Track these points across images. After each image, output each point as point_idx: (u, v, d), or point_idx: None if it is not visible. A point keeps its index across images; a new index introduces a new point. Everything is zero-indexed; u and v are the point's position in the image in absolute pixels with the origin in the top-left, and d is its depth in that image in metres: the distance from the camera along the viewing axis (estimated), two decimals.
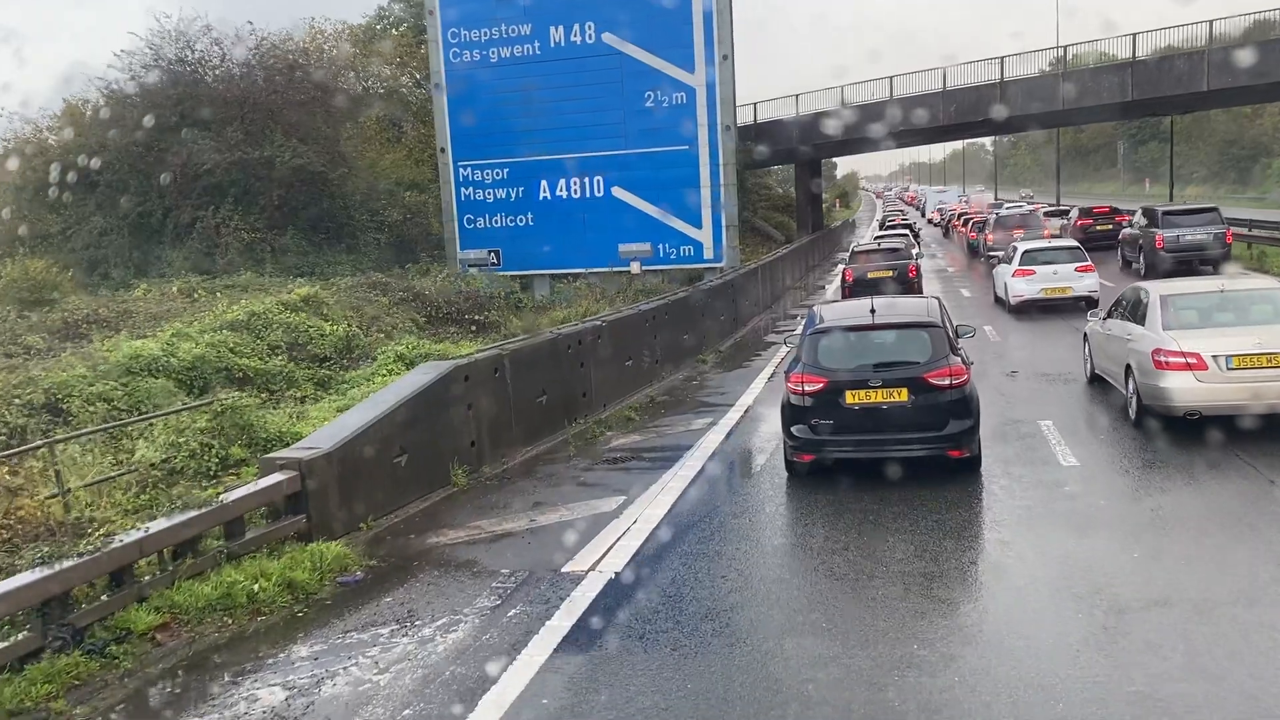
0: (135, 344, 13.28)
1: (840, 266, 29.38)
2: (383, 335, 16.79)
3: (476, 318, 20.38)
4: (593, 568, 7.47)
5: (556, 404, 12.38)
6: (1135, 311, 11.40)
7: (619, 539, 8.10)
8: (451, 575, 7.61)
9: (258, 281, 22.32)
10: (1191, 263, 24.37)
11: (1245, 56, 29.99)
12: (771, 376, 15.57)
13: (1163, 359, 9.99)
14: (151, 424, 10.75)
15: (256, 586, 7.13)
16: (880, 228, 50.66)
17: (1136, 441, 10.17)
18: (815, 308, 11.08)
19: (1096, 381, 12.96)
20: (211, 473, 9.80)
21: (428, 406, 9.85)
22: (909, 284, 22.61)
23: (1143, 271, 25.70)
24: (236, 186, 26.35)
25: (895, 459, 9.23)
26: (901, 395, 8.99)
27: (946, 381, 9.04)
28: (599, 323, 14.14)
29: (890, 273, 22.72)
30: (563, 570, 7.47)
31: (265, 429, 10.43)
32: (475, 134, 29.16)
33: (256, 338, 14.90)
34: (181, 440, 9.99)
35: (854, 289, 22.24)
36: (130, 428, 10.96)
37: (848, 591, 6.78)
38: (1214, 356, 9.73)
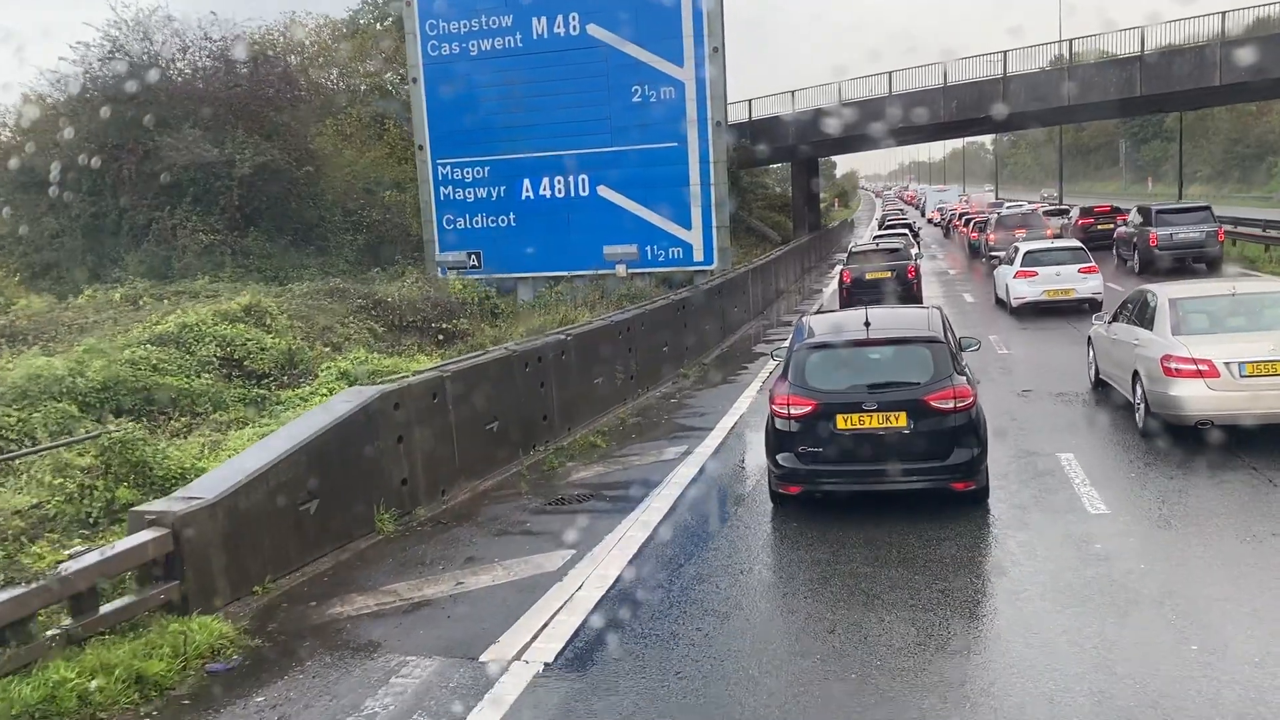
0: (38, 362, 11.81)
1: (838, 268, 28.10)
2: (329, 349, 15.29)
3: (444, 326, 18.89)
4: (518, 656, 6.04)
5: (511, 431, 10.94)
6: (1143, 315, 10.69)
7: (557, 612, 6.68)
8: (345, 664, 6.16)
9: (211, 287, 20.77)
10: (1185, 260, 25.26)
11: (1259, 50, 28.91)
12: (759, 392, 14.17)
13: (1173, 366, 9.39)
14: (38, 459, 9.33)
15: (93, 684, 5.70)
16: (879, 227, 49.36)
17: (1174, 480, 8.74)
18: (804, 319, 9.80)
19: (1100, 387, 12.33)
20: (93, 520, 8.37)
21: (347, 441, 8.43)
22: (908, 285, 21.65)
23: (1137, 269, 26.38)
24: (196, 185, 24.83)
25: (892, 492, 8.12)
26: (900, 420, 7.93)
27: (950, 404, 7.95)
28: (563, 336, 12.68)
29: (889, 273, 21.84)
30: (481, 659, 6.03)
31: (164, 465, 8.97)
32: (455, 130, 27.84)
33: (187, 353, 13.40)
34: (59, 481, 8.54)
35: (852, 290, 21.41)
36: (16, 463, 9.54)
37: (833, 700, 5.33)
38: (1227, 364, 9.11)
